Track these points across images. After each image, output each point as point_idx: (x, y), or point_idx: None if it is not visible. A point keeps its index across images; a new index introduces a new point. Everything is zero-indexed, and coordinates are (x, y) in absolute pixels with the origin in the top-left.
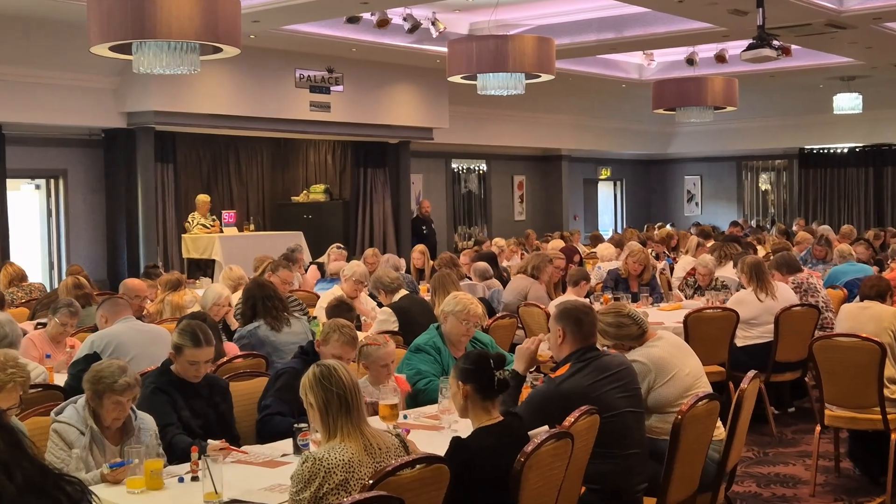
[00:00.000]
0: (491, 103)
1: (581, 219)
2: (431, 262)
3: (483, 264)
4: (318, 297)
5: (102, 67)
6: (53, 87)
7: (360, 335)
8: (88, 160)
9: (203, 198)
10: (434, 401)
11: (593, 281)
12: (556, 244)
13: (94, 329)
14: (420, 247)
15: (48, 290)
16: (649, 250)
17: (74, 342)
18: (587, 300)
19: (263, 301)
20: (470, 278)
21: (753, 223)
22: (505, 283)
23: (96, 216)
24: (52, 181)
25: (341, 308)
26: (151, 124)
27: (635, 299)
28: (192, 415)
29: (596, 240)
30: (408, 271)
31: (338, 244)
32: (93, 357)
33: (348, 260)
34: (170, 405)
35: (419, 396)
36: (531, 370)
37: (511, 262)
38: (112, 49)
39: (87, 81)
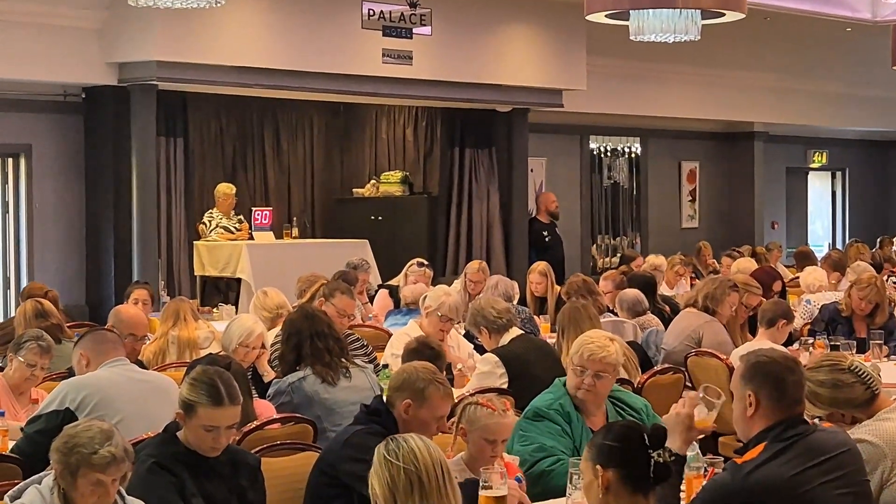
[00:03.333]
0: (650, 55)
1: (782, 227)
2: (557, 288)
3: (634, 293)
4: (390, 335)
5: None
6: (12, 25)
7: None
8: (62, 132)
9: (225, 189)
10: (561, 491)
11: (798, 320)
12: (745, 265)
13: (69, 375)
14: (541, 265)
15: (1, 319)
16: (885, 277)
17: (40, 394)
18: (790, 349)
19: (312, 340)
20: (614, 312)
21: None
22: (667, 320)
23: (72, 212)
24: (10, 162)
25: (422, 353)
26: (153, 81)
27: (862, 348)
28: (207, 503)
29: (804, 258)
30: (522, 301)
31: (419, 260)
32: (64, 416)
33: (434, 283)
34: (174, 489)
35: (541, 482)
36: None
37: (676, 289)
38: None
39: (62, 19)
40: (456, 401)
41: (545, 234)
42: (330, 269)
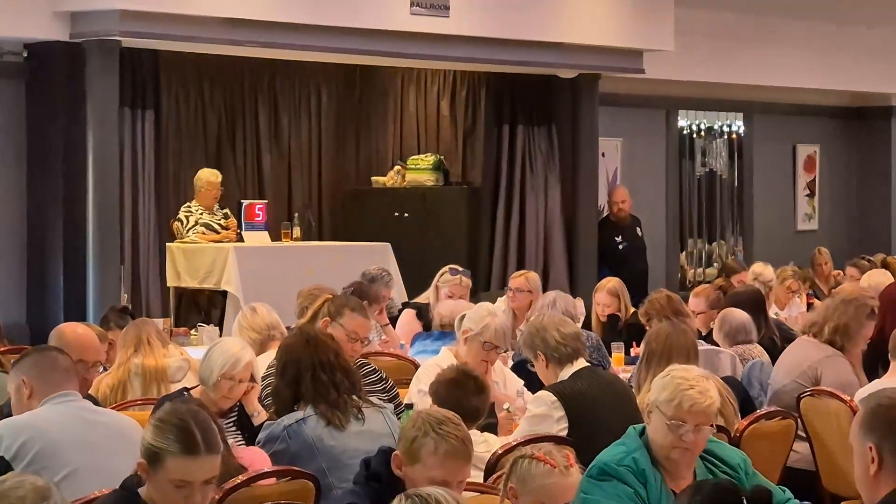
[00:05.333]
0: (756, 7)
1: None
2: (632, 310)
3: (738, 314)
4: (417, 366)
5: None
6: None
7: (496, 441)
8: None
9: (208, 176)
10: None
11: None
12: (878, 278)
13: (2, 413)
14: (611, 282)
15: None
16: None
17: None
18: None
19: (315, 372)
20: (706, 339)
21: None
22: (776, 351)
23: (10, 205)
24: None
25: (465, 387)
26: (115, 36)
27: None
28: None
29: None
30: (588, 324)
31: (452, 266)
32: None
33: (474, 298)
34: None
35: None
36: None
37: (788, 310)
38: None
39: None
40: (502, 451)
41: (618, 239)
42: (340, 280)
